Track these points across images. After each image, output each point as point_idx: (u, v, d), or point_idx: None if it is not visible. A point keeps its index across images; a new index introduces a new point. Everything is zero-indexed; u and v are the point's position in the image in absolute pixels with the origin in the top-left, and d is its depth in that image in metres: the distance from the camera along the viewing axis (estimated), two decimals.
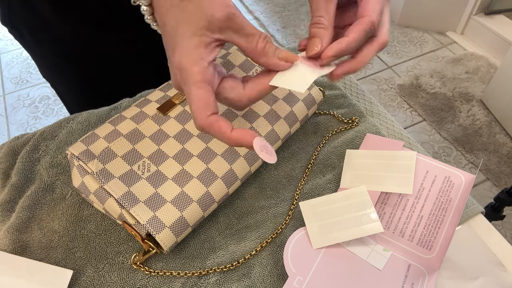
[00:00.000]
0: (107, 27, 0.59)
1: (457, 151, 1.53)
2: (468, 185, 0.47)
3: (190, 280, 0.43)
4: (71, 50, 0.61)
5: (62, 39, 0.59)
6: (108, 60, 0.63)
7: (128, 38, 0.62)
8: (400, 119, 1.63)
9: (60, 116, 1.71)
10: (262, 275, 0.43)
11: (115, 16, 0.58)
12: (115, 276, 0.43)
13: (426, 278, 0.41)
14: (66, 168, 0.51)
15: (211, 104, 0.33)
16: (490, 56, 1.85)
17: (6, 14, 0.58)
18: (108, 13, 0.58)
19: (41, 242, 0.45)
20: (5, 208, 0.48)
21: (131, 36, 0.62)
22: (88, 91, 0.68)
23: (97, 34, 0.59)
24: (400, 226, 0.46)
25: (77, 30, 0.58)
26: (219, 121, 0.33)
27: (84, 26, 0.58)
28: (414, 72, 1.81)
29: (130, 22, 0.60)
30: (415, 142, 0.55)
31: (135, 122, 0.47)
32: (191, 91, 0.32)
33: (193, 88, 0.32)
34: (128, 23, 0.60)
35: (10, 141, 0.54)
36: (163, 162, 0.45)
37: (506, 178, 1.43)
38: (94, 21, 0.58)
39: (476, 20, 1.88)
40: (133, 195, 0.42)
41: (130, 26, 0.61)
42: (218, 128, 0.33)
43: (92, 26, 0.58)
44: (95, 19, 0.58)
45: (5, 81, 1.87)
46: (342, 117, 0.57)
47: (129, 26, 0.61)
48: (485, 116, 1.61)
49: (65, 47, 0.60)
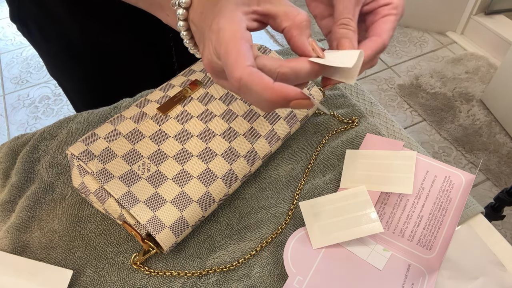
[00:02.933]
0: (114, 27, 0.60)
1: (457, 151, 1.53)
2: (468, 185, 0.47)
3: (190, 280, 0.43)
4: (78, 47, 0.61)
5: (70, 36, 0.60)
6: (114, 60, 0.64)
7: (135, 39, 0.63)
8: (400, 119, 1.63)
9: (60, 116, 1.71)
10: (262, 275, 0.43)
11: (123, 16, 0.59)
12: (115, 276, 0.43)
13: (426, 278, 0.41)
14: (66, 168, 0.51)
15: (250, 56, 0.29)
16: (490, 56, 1.85)
17: (15, 10, 0.59)
18: (116, 13, 0.58)
19: (41, 242, 0.45)
20: (5, 208, 0.48)
21: (138, 36, 0.63)
22: (93, 90, 0.68)
23: (104, 33, 0.60)
24: (400, 226, 0.46)
25: (85, 27, 0.59)
26: (259, 72, 0.29)
27: (92, 24, 0.59)
28: (414, 72, 1.81)
29: (138, 23, 0.61)
30: (415, 142, 0.55)
31: (135, 122, 0.47)
32: (229, 44, 0.29)
33: (231, 41, 0.29)
34: (136, 23, 0.61)
35: (10, 141, 0.54)
36: (163, 162, 0.45)
37: (506, 178, 1.43)
38: (102, 19, 0.59)
39: (476, 20, 1.88)
40: (133, 195, 0.42)
41: (137, 26, 0.61)
42: (260, 78, 0.28)
43: (100, 25, 0.59)
44: (103, 17, 0.58)
45: (5, 81, 1.87)
46: (342, 117, 0.57)
47: (137, 26, 0.61)
48: (485, 116, 1.61)
49: (72, 44, 0.61)
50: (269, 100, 0.29)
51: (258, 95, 0.29)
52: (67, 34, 0.60)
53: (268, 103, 0.29)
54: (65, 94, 0.73)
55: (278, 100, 0.29)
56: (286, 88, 0.29)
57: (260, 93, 0.29)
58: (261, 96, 0.29)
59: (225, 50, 0.30)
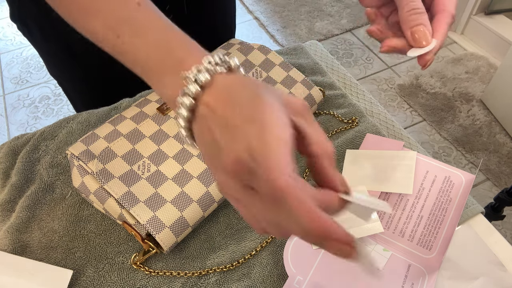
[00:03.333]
0: None
1: (457, 151, 1.52)
2: (468, 185, 0.47)
3: (190, 280, 0.43)
4: (78, 47, 0.61)
5: (70, 36, 0.60)
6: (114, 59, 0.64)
7: None
8: (400, 119, 1.63)
9: (60, 116, 1.71)
10: (262, 275, 0.43)
11: None
12: (115, 276, 0.43)
13: (426, 278, 0.41)
14: (66, 168, 0.51)
15: (293, 168, 0.24)
16: (490, 56, 1.85)
17: (15, 10, 0.59)
18: None
19: (41, 242, 0.45)
20: (5, 208, 0.48)
21: None
22: (93, 90, 0.68)
23: None
24: (400, 226, 0.46)
25: None
26: (306, 187, 0.24)
27: None
28: (414, 72, 1.81)
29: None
30: (415, 142, 0.55)
31: (135, 122, 0.47)
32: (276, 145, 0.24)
33: (279, 142, 0.24)
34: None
35: (10, 141, 0.54)
36: (163, 162, 0.45)
37: (506, 178, 1.43)
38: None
39: (476, 20, 1.88)
40: (133, 195, 0.42)
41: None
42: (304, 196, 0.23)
43: None
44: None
45: (5, 81, 1.87)
46: (342, 117, 0.57)
47: None
48: (485, 116, 1.61)
49: (72, 44, 0.61)
50: (304, 225, 0.23)
51: (292, 215, 0.23)
52: (67, 34, 0.60)
53: (297, 227, 0.23)
54: (65, 94, 0.73)
55: (315, 230, 0.23)
56: (333, 223, 0.23)
57: (297, 214, 0.23)
58: (295, 217, 0.23)
59: (269, 150, 0.24)
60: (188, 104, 0.26)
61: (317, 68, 0.63)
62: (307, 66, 0.63)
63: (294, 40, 1.96)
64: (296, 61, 0.64)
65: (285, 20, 2.07)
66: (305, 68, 0.63)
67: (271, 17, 2.10)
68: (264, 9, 2.15)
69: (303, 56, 0.66)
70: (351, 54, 1.89)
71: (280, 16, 2.10)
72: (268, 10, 2.14)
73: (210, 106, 0.26)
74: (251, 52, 0.56)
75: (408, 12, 0.36)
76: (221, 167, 0.25)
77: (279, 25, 2.05)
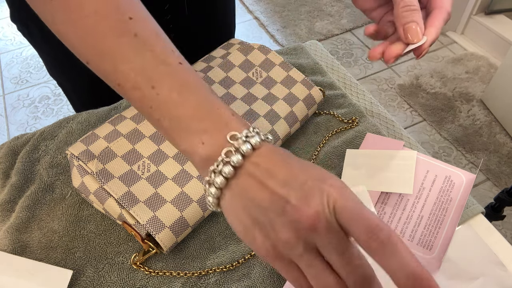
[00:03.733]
0: None
1: (457, 151, 1.52)
2: (469, 184, 0.47)
3: (190, 280, 0.43)
4: None
5: None
6: None
7: None
8: (400, 119, 1.63)
9: (60, 116, 1.71)
10: (262, 275, 0.43)
11: None
12: (115, 276, 0.43)
13: None
14: (66, 168, 0.51)
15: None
16: (490, 56, 1.85)
17: (15, 11, 0.59)
18: None
19: (41, 242, 0.45)
20: (5, 208, 0.48)
21: None
22: (92, 90, 0.68)
23: None
24: (400, 226, 0.46)
25: None
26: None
27: None
28: (414, 72, 1.81)
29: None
30: (415, 142, 0.55)
31: (135, 122, 0.47)
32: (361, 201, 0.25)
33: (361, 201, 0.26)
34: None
35: (10, 141, 0.54)
36: (163, 162, 0.45)
37: (506, 178, 1.43)
38: None
39: (476, 20, 1.88)
40: (133, 195, 0.42)
41: None
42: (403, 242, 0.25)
43: None
44: None
45: (5, 81, 1.87)
46: (342, 117, 0.57)
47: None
48: (485, 116, 1.61)
49: None
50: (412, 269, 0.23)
51: (402, 258, 0.24)
52: None
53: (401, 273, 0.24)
54: (65, 94, 0.73)
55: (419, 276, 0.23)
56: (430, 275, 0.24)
57: (405, 257, 0.24)
58: (404, 260, 0.24)
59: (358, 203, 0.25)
60: (237, 161, 0.27)
61: (317, 68, 0.63)
62: (307, 66, 0.63)
63: (294, 40, 1.96)
64: (296, 61, 0.64)
65: (285, 20, 2.07)
66: (305, 68, 0.63)
67: (271, 17, 2.10)
68: (264, 9, 2.15)
69: (303, 56, 0.66)
70: (351, 54, 1.89)
71: (280, 16, 2.10)
72: (268, 10, 2.14)
73: (261, 165, 0.27)
74: (251, 52, 0.56)
75: (403, 8, 0.37)
76: (288, 224, 0.25)
77: (279, 25, 2.05)
